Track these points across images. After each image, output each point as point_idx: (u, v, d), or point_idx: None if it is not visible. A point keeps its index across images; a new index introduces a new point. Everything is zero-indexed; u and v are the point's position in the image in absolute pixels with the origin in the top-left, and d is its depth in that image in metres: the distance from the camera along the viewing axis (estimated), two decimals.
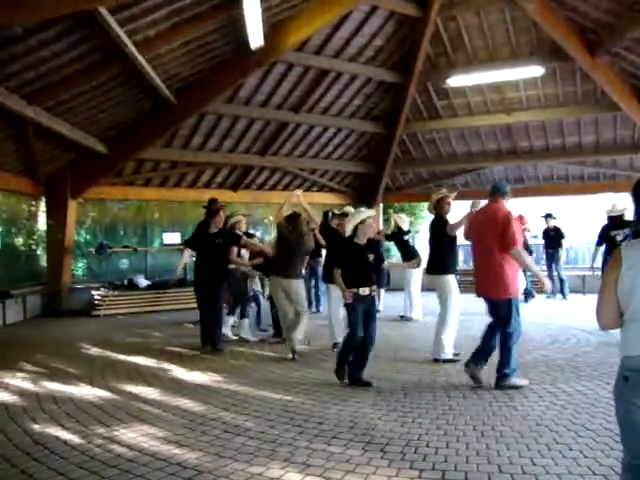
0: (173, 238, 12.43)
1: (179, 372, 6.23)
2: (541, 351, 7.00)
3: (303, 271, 7.99)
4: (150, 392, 5.41)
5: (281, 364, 6.61)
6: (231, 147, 12.46)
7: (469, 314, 8.51)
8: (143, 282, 11.58)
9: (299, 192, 7.50)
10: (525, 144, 13.17)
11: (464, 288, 8.24)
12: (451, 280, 6.60)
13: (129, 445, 3.97)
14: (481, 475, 3.45)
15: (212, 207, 7.74)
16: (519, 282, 5.62)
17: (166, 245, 12.61)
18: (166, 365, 6.56)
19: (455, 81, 11.46)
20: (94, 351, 7.44)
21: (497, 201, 5.48)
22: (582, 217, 16.18)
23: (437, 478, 3.42)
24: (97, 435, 4.19)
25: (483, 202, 5.92)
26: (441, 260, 6.63)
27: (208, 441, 4.08)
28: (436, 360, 6.46)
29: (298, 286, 7.04)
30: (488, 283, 5.41)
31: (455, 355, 6.51)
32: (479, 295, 5.62)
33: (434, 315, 6.95)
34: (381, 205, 15.42)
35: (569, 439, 4.00)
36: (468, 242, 6.03)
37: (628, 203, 6.98)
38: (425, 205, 17.39)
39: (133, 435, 4.18)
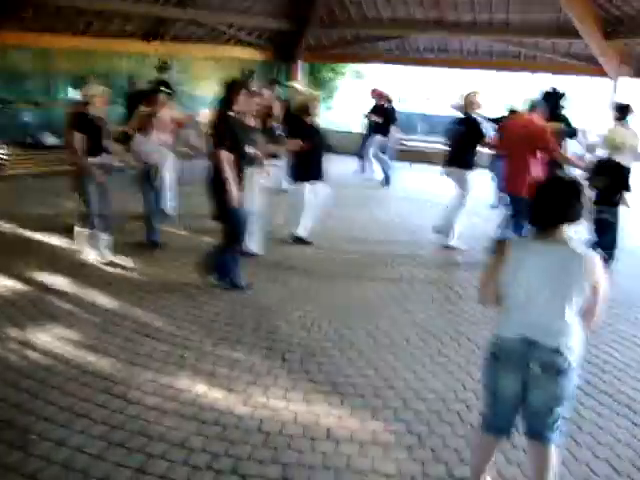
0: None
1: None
2: None
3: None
4: (63, 284, 5.41)
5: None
6: None
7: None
8: (49, 139, 10.98)
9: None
10: (452, 17, 12.86)
11: None
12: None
13: (44, 351, 4.14)
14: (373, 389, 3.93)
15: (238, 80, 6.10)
16: None
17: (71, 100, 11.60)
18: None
19: None
20: (1, 226, 7.12)
21: (534, 113, 6.31)
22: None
23: (329, 391, 3.86)
24: (11, 339, 4.29)
25: None
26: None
27: (119, 345, 4.32)
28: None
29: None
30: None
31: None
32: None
33: None
34: (300, 63, 15.08)
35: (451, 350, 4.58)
36: None
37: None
38: (346, 66, 17.41)
39: (48, 339, 4.31)
